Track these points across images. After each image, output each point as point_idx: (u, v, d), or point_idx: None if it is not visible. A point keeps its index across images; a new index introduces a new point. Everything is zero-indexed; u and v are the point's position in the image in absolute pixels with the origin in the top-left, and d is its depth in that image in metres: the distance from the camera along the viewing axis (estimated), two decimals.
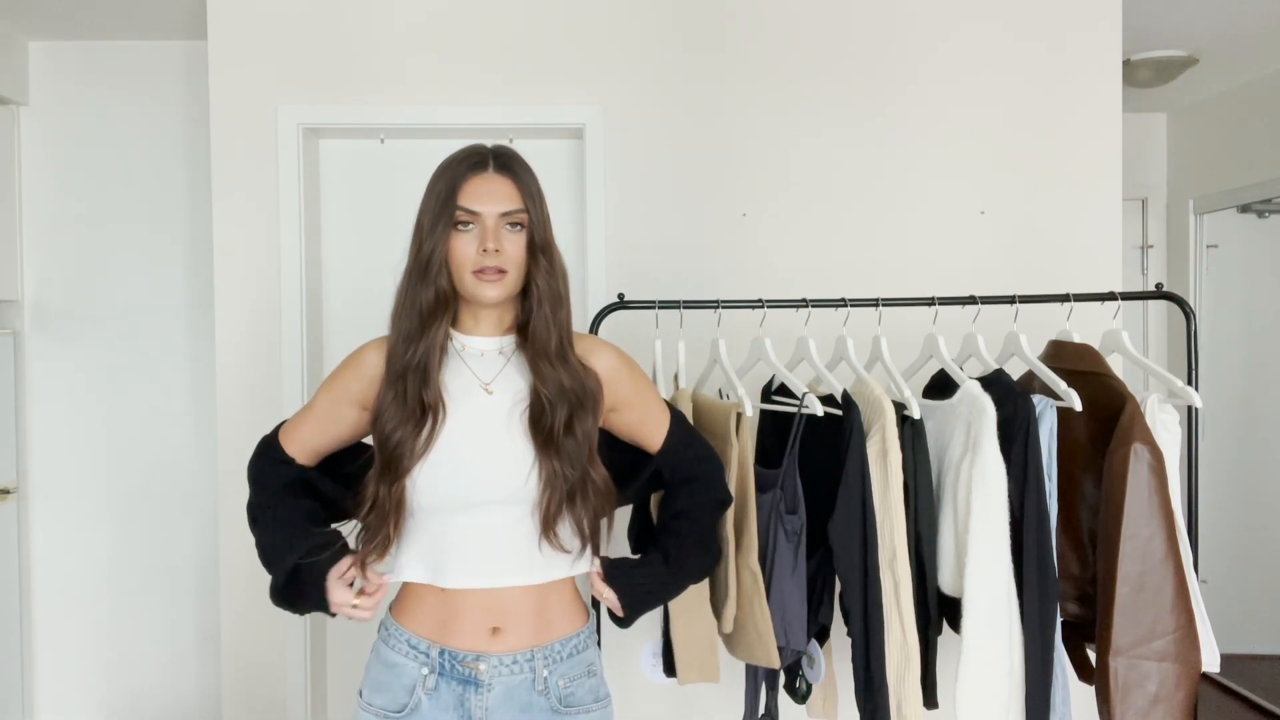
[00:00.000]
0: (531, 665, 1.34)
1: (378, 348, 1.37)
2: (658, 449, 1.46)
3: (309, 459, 1.43)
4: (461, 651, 1.32)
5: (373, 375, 1.36)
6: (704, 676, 1.86)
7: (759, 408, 2.00)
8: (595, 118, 2.59)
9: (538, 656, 1.34)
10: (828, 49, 2.61)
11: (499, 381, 1.34)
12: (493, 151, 1.34)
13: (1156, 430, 1.66)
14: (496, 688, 1.32)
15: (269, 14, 2.60)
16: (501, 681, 1.32)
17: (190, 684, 3.08)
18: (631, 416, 1.44)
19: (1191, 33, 3.07)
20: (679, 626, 1.83)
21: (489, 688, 1.32)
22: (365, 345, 1.40)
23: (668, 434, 1.46)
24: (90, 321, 3.05)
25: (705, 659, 1.85)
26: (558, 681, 1.35)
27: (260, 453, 1.44)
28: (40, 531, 3.06)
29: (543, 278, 1.32)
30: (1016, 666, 1.61)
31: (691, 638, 1.83)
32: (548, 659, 1.35)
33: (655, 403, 1.48)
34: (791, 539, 1.69)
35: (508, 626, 1.33)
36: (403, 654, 1.35)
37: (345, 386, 1.38)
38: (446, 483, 1.30)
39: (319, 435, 1.41)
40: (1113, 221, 2.63)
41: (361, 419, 1.39)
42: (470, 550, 1.31)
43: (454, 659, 1.32)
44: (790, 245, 2.61)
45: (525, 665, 1.33)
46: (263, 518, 1.38)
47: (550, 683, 1.34)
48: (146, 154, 3.02)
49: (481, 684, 1.32)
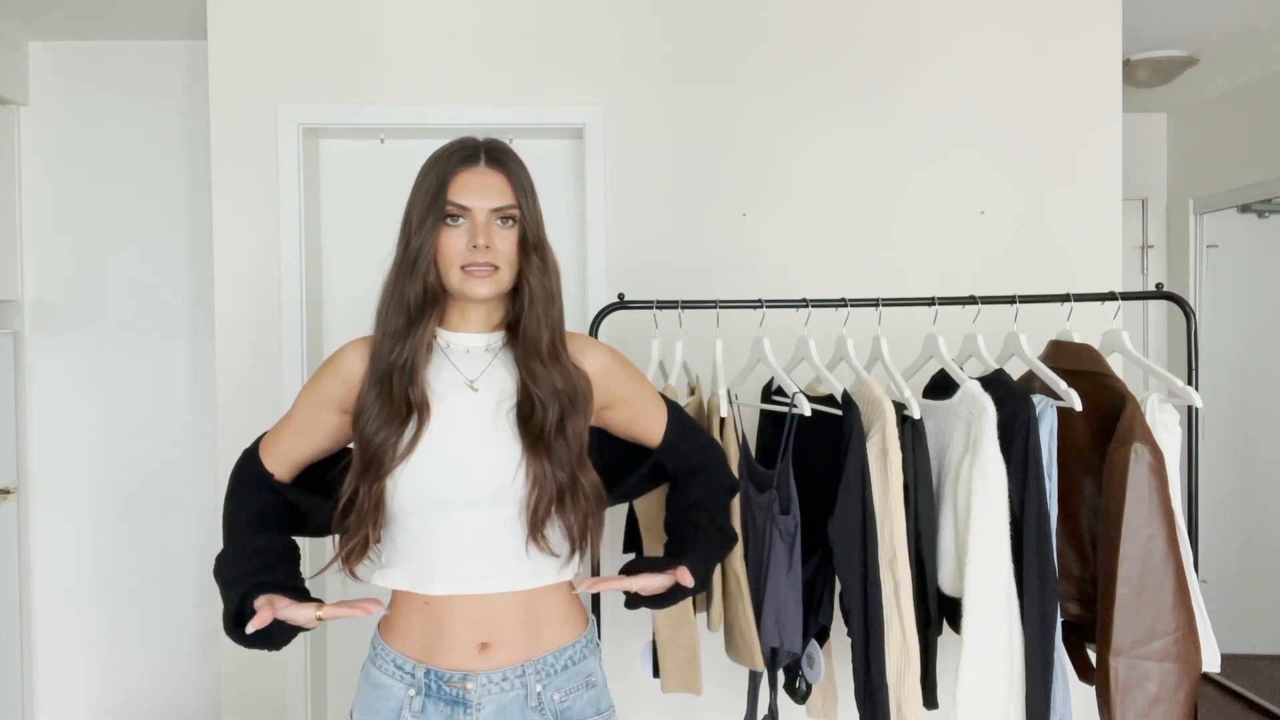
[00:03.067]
0: (523, 681, 1.28)
1: (356, 349, 1.33)
2: (658, 442, 1.44)
3: (289, 472, 1.37)
4: (448, 671, 1.27)
5: (352, 377, 1.31)
6: (685, 687, 1.85)
7: (758, 407, 2.00)
8: (595, 118, 2.59)
9: (529, 671, 1.29)
10: (829, 50, 2.61)
11: (485, 379, 1.30)
12: (484, 145, 1.29)
13: (1156, 430, 1.66)
14: (487, 707, 1.27)
15: (269, 14, 2.60)
16: (492, 700, 1.27)
17: (190, 684, 3.08)
18: (627, 412, 1.41)
19: (1191, 33, 3.07)
20: (662, 630, 1.83)
21: (479, 707, 1.26)
22: (344, 347, 1.35)
23: (667, 427, 1.44)
24: (90, 321, 3.05)
25: (687, 670, 1.84)
26: (553, 696, 1.30)
27: (239, 468, 1.39)
28: (40, 531, 3.05)
29: (535, 275, 1.28)
30: (1016, 666, 1.61)
31: (675, 644, 1.83)
32: (540, 673, 1.29)
33: (650, 396, 1.45)
34: (786, 539, 1.69)
35: (496, 640, 1.28)
36: (389, 674, 1.30)
37: (325, 390, 1.33)
38: (429, 482, 1.25)
39: (299, 445, 1.36)
40: (1113, 221, 2.63)
41: (343, 424, 1.34)
42: (454, 554, 1.26)
43: (440, 679, 1.27)
44: (790, 245, 2.61)
45: (516, 681, 1.28)
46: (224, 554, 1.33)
47: (545, 698, 1.29)
48: (146, 154, 3.02)
49: (470, 704, 1.26)
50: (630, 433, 1.44)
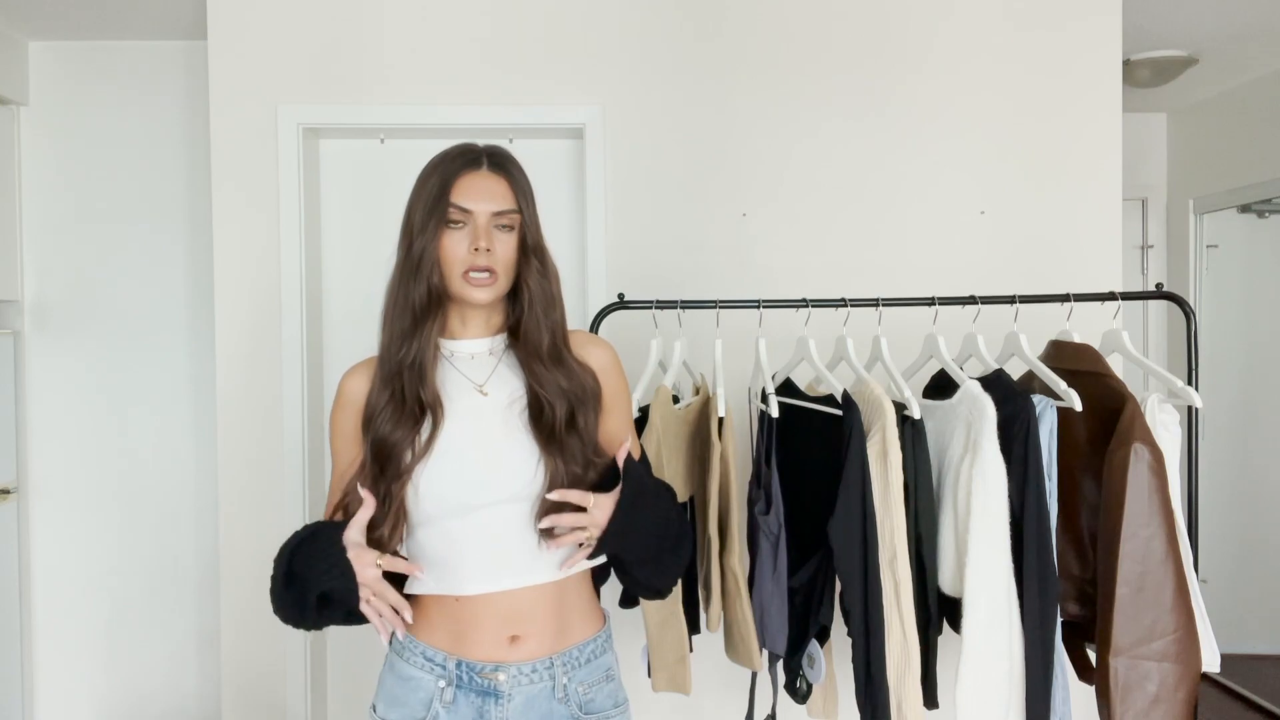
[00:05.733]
0: (551, 673, 1.31)
1: (352, 374, 1.37)
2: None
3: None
4: (480, 662, 1.30)
5: (359, 399, 1.34)
6: (674, 687, 1.86)
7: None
8: (595, 118, 2.59)
9: (557, 663, 1.32)
10: (829, 49, 2.60)
11: (492, 382, 1.33)
12: (486, 150, 1.33)
13: (1156, 430, 1.66)
14: (516, 698, 1.30)
15: (269, 14, 2.60)
16: (521, 691, 1.30)
17: (190, 685, 3.08)
18: (605, 425, 1.40)
19: (1191, 33, 3.07)
20: (652, 629, 1.84)
21: (509, 698, 1.29)
22: (342, 379, 1.38)
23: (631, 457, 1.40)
24: (90, 321, 3.05)
25: (675, 670, 1.85)
26: (577, 688, 1.33)
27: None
28: (40, 531, 3.05)
29: (534, 279, 1.31)
30: (1016, 666, 1.61)
31: (663, 644, 1.84)
32: (567, 665, 1.32)
33: (629, 423, 1.45)
34: (769, 539, 1.69)
35: (526, 633, 1.30)
36: (418, 667, 1.32)
37: (343, 426, 1.36)
38: (450, 487, 1.27)
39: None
40: (1113, 221, 2.63)
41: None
42: (482, 553, 1.28)
43: (472, 670, 1.30)
44: (790, 245, 2.61)
45: (545, 673, 1.31)
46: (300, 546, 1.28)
47: (570, 689, 1.32)
48: (146, 154, 3.02)
49: (501, 695, 1.29)
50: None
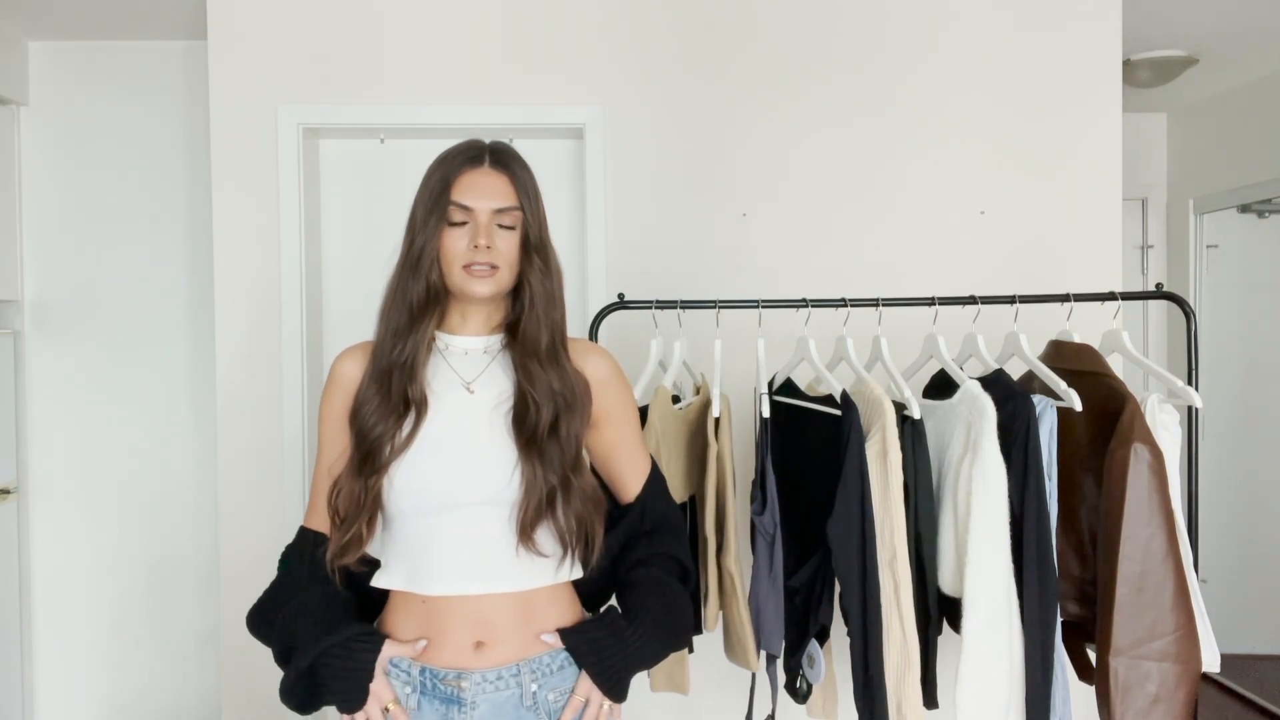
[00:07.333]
0: (518, 680, 1.28)
1: (348, 356, 1.36)
2: (635, 490, 1.39)
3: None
4: (443, 669, 1.27)
5: (352, 382, 1.33)
6: (672, 686, 1.86)
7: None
8: (595, 118, 2.59)
9: (524, 670, 1.28)
10: (831, 52, 2.60)
11: (481, 381, 1.31)
12: (489, 147, 1.32)
13: (1156, 430, 1.66)
14: (481, 705, 1.26)
15: (269, 14, 2.60)
16: (486, 699, 1.27)
17: (190, 684, 3.08)
18: (609, 435, 1.38)
19: (1191, 33, 3.07)
20: None
21: (473, 705, 1.26)
22: (336, 360, 1.37)
23: (649, 479, 1.40)
24: (90, 321, 3.05)
25: (673, 669, 1.85)
26: (548, 695, 1.29)
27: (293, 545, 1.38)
28: (40, 531, 3.05)
29: (536, 277, 1.30)
30: (1016, 666, 1.61)
31: None
32: (536, 673, 1.29)
33: (637, 435, 1.42)
34: (765, 538, 1.69)
35: (492, 639, 1.28)
36: (385, 672, 1.29)
37: (334, 406, 1.35)
38: (426, 481, 1.26)
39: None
40: (1113, 221, 2.63)
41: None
42: (452, 554, 1.27)
43: (435, 677, 1.27)
44: (790, 245, 2.61)
45: (511, 680, 1.28)
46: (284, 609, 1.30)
47: (540, 697, 1.29)
48: (146, 154, 3.02)
49: (465, 702, 1.26)
50: (607, 464, 1.41)
